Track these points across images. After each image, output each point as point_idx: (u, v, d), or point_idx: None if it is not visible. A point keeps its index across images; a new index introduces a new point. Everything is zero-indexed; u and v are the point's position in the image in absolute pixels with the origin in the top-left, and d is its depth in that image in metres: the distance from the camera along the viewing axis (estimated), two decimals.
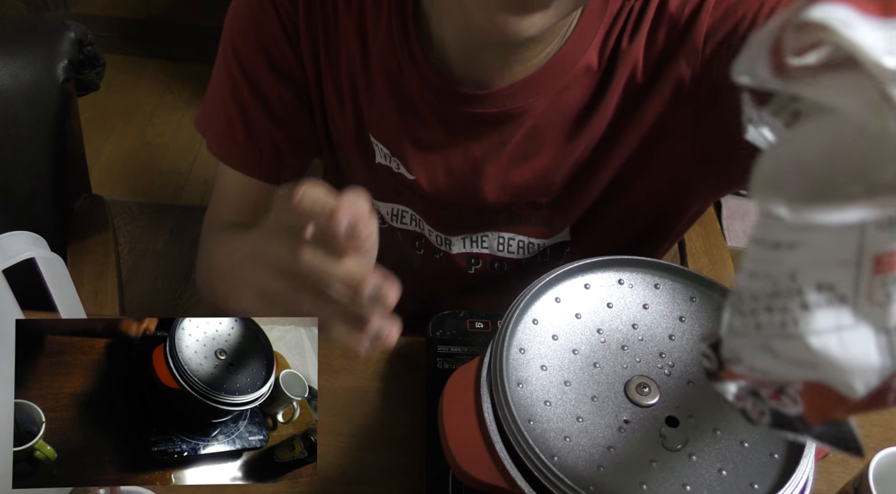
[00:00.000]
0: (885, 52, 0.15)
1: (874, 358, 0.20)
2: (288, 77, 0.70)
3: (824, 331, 0.19)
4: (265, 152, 0.72)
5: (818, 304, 0.19)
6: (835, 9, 0.15)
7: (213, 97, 0.73)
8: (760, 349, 0.20)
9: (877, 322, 0.20)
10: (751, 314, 0.20)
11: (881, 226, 0.19)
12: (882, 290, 0.19)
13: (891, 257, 0.19)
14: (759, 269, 0.20)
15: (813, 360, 0.20)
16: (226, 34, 0.71)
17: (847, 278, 0.19)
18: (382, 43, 0.65)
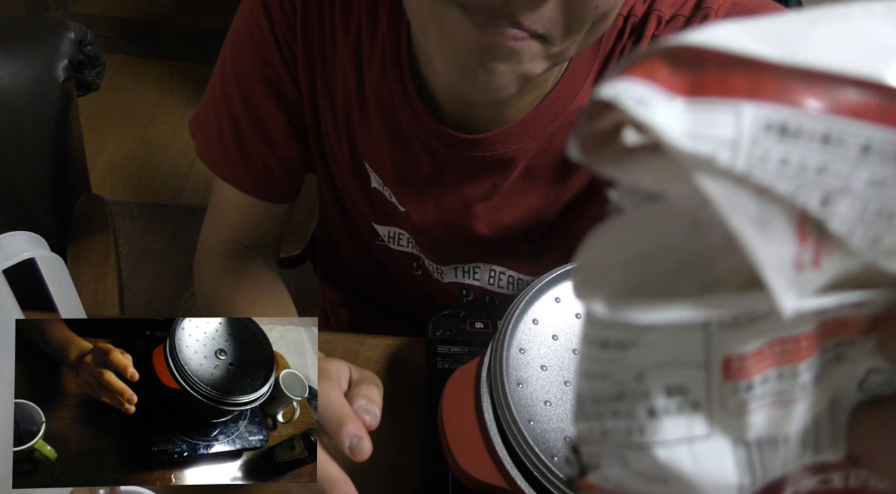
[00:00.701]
0: (688, 135, 0.13)
1: (730, 474, 0.17)
2: (283, 101, 0.70)
3: (674, 442, 0.17)
4: (257, 171, 0.73)
5: (667, 411, 0.17)
6: (630, 86, 0.14)
7: (208, 107, 0.73)
8: (612, 457, 0.18)
9: (734, 433, 0.17)
10: (596, 418, 0.18)
11: (724, 326, 0.16)
12: (734, 398, 0.17)
13: (741, 361, 0.16)
14: (594, 369, 0.18)
15: (662, 475, 0.17)
16: (225, 52, 0.71)
17: (698, 382, 0.17)
18: (376, 74, 0.65)
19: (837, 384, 0.18)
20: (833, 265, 0.15)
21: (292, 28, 0.66)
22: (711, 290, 0.16)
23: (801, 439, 0.18)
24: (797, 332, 0.17)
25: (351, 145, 0.71)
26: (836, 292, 0.15)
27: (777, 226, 0.14)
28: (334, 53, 0.66)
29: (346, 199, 0.77)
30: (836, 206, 0.14)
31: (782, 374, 0.17)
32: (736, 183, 0.14)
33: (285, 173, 0.74)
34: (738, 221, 0.14)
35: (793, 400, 0.17)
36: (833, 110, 0.13)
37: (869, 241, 0.15)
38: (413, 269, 0.79)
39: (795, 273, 0.14)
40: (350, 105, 0.68)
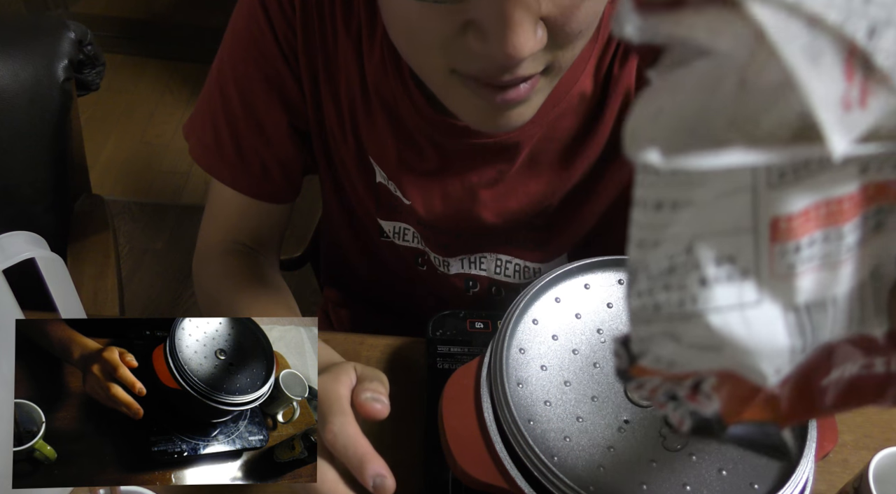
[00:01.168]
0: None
1: (782, 338, 0.18)
2: (284, 99, 0.70)
3: (726, 309, 0.17)
4: (254, 170, 0.73)
5: (718, 279, 0.17)
6: None
7: (203, 109, 0.73)
8: (664, 336, 0.18)
9: (783, 298, 0.18)
10: (648, 294, 0.18)
11: (771, 184, 0.17)
12: (783, 261, 0.17)
13: (788, 222, 0.17)
14: (647, 236, 0.18)
15: (716, 343, 0.18)
16: (223, 54, 0.70)
17: (747, 248, 0.17)
18: (376, 69, 0.65)
19: (879, 255, 0.18)
20: (879, 105, 0.15)
21: (292, 27, 0.66)
22: (760, 143, 0.16)
23: (847, 303, 0.18)
24: (841, 193, 0.17)
25: (356, 141, 0.71)
26: (881, 142, 0.16)
27: (827, 60, 0.14)
28: (336, 50, 0.66)
29: (351, 197, 0.77)
30: (882, 40, 0.14)
31: (828, 236, 0.17)
32: (788, 13, 0.14)
33: (283, 174, 0.74)
34: (791, 53, 0.14)
35: (839, 262, 0.17)
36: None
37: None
38: (418, 265, 0.79)
39: (844, 111, 0.15)
40: (354, 101, 0.68)
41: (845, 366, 0.20)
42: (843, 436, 0.67)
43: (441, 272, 0.77)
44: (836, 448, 0.50)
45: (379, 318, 0.91)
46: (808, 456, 0.45)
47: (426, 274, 0.79)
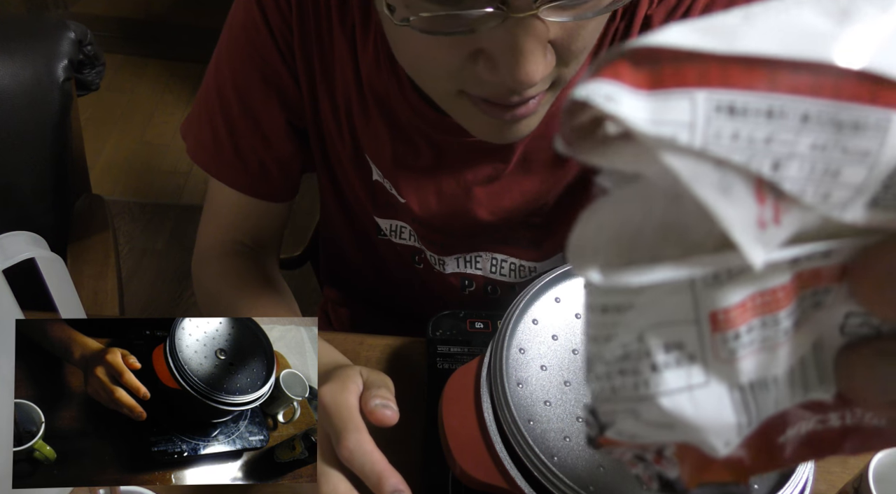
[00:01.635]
0: (651, 122, 0.15)
1: (728, 415, 0.19)
2: (282, 97, 0.70)
3: (675, 391, 0.19)
4: (252, 170, 0.73)
5: (667, 364, 0.19)
6: (599, 86, 0.16)
7: (200, 108, 0.73)
8: (625, 412, 0.20)
9: (728, 380, 0.19)
10: (606, 378, 0.20)
11: (707, 283, 0.18)
12: (725, 348, 0.19)
13: (726, 314, 0.18)
14: (598, 333, 0.20)
15: (669, 421, 0.19)
16: (220, 53, 0.70)
17: (692, 337, 0.19)
18: (370, 66, 0.65)
19: (820, 328, 0.20)
20: (792, 220, 0.17)
21: (289, 24, 0.66)
22: (691, 253, 0.18)
23: (789, 379, 0.20)
24: (774, 284, 0.19)
25: (352, 138, 0.71)
26: (802, 244, 0.18)
27: (737, 191, 0.16)
28: (332, 48, 0.66)
29: (348, 195, 0.77)
30: (786, 170, 0.16)
31: (765, 322, 0.19)
32: (696, 158, 0.16)
33: (282, 172, 0.74)
34: (703, 190, 0.16)
35: (777, 345, 0.19)
36: (773, 88, 0.16)
37: (820, 197, 0.17)
38: (415, 263, 0.79)
39: (760, 230, 0.17)
40: (350, 98, 0.68)
41: (800, 424, 0.22)
42: None
43: (437, 270, 0.77)
44: None
45: (378, 317, 0.91)
46: None
47: (423, 273, 0.79)
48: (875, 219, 0.17)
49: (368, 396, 0.51)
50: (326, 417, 0.50)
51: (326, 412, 0.50)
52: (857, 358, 0.20)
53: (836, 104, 0.16)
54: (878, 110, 0.16)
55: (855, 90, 0.16)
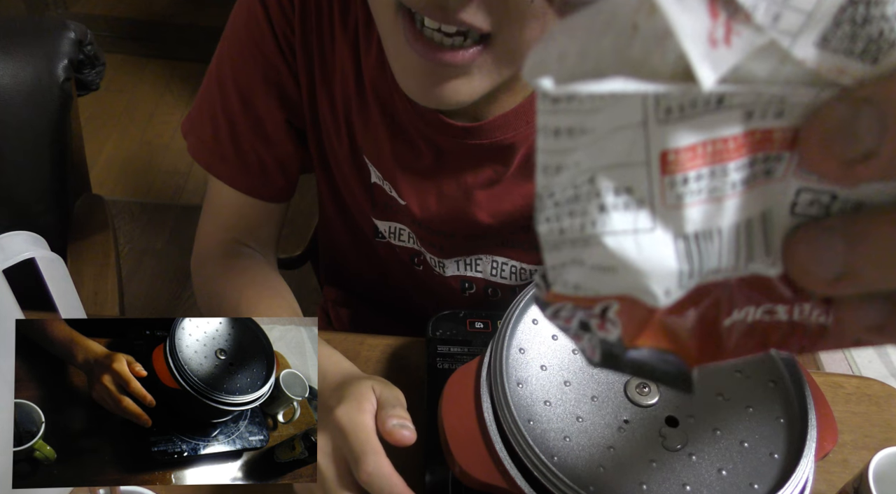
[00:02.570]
0: None
1: (671, 261, 0.19)
2: (283, 98, 0.70)
3: (620, 232, 0.19)
4: (252, 169, 0.73)
5: (616, 206, 0.19)
6: None
7: (201, 106, 0.73)
8: (571, 261, 0.20)
9: (674, 226, 0.19)
10: (556, 219, 0.20)
11: (659, 119, 0.18)
12: (672, 192, 0.19)
13: (676, 154, 0.19)
14: (549, 162, 0.20)
15: (612, 264, 0.20)
16: (222, 51, 0.70)
17: (642, 180, 0.19)
18: (373, 67, 0.65)
19: (771, 200, 0.20)
20: (742, 44, 0.17)
21: (291, 24, 0.66)
22: (645, 76, 0.18)
23: (734, 237, 0.20)
24: (725, 134, 0.19)
25: (351, 140, 0.71)
26: (754, 84, 0.18)
27: (691, 1, 0.16)
28: (333, 48, 0.66)
29: (347, 197, 0.77)
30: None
31: (714, 172, 0.19)
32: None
33: (281, 172, 0.74)
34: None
35: (724, 196, 0.19)
36: None
37: (770, 18, 0.17)
38: (415, 265, 0.79)
39: (710, 47, 0.17)
40: (349, 100, 0.68)
41: (748, 309, 0.22)
42: (842, 436, 0.67)
43: (437, 273, 0.77)
44: (835, 448, 0.50)
45: (378, 317, 0.91)
46: (808, 456, 0.45)
47: (423, 275, 0.79)
48: (825, 61, 0.17)
49: (385, 416, 0.51)
50: (343, 439, 0.50)
51: (343, 434, 0.50)
52: (802, 234, 0.20)
53: None
54: None
55: None
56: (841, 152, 0.18)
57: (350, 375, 0.58)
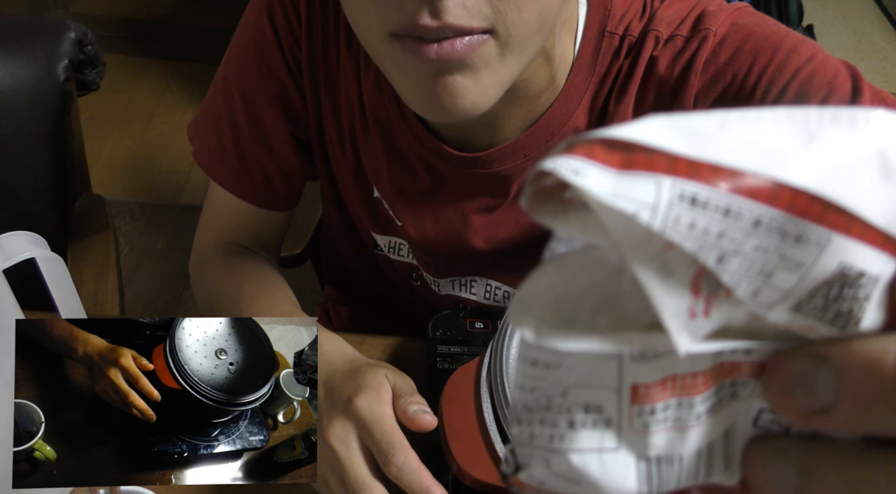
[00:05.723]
0: (613, 195, 0.16)
1: (632, 483, 0.20)
2: (287, 111, 0.70)
3: (586, 450, 0.20)
4: (256, 179, 0.73)
5: (584, 424, 0.20)
6: (569, 160, 0.17)
7: (207, 113, 0.73)
8: (538, 459, 0.21)
9: (637, 450, 0.20)
10: (527, 424, 0.21)
11: (634, 358, 0.20)
12: (640, 420, 0.20)
13: (646, 389, 0.20)
14: (525, 383, 0.21)
15: (575, 477, 0.20)
16: (229, 62, 0.71)
17: (612, 403, 0.20)
18: (371, 89, 0.65)
19: (734, 417, 0.21)
20: (720, 315, 0.18)
21: (297, 40, 0.66)
22: (624, 328, 0.19)
23: (694, 460, 0.21)
24: (695, 370, 0.20)
25: (355, 156, 0.71)
26: (726, 340, 0.19)
27: (675, 281, 0.18)
28: (338, 66, 0.66)
29: (349, 208, 0.77)
30: (729, 264, 0.18)
31: (680, 404, 0.20)
32: (645, 241, 0.17)
33: (285, 183, 0.74)
34: (645, 272, 0.17)
35: (688, 427, 0.20)
36: (735, 191, 0.17)
37: (750, 293, 0.18)
38: (412, 279, 0.79)
39: (689, 319, 0.18)
40: (353, 119, 0.68)
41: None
42: None
43: (433, 289, 0.77)
44: None
45: (378, 317, 0.91)
46: None
47: (420, 289, 0.79)
48: (795, 322, 0.19)
49: (405, 403, 0.52)
50: (367, 432, 0.51)
51: (366, 426, 0.51)
52: (758, 452, 0.21)
53: (787, 216, 0.17)
54: (821, 229, 0.17)
55: (806, 208, 0.17)
56: (800, 403, 0.19)
57: (358, 360, 0.59)
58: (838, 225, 0.17)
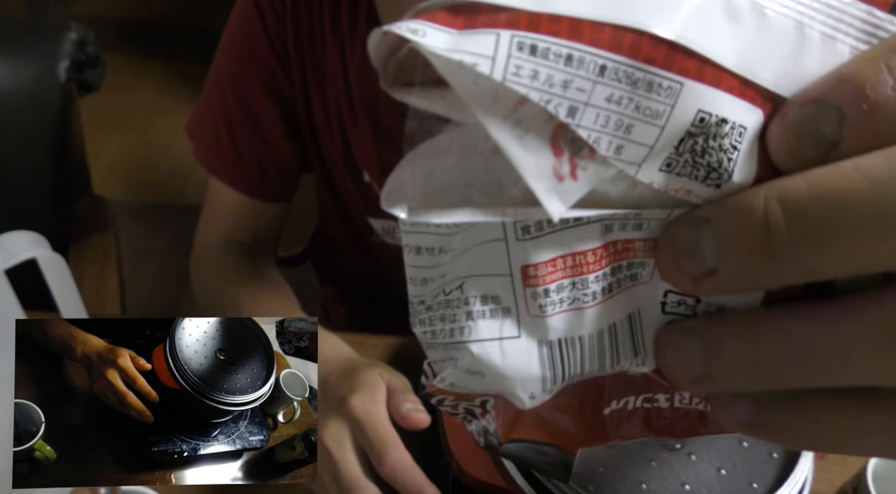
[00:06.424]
0: (450, 50, 0.16)
1: (535, 368, 0.20)
2: (278, 97, 0.70)
3: (487, 340, 0.20)
4: (251, 171, 0.73)
5: (482, 315, 0.20)
6: (408, 23, 0.16)
7: (203, 108, 0.74)
8: (446, 360, 0.21)
9: (538, 335, 0.20)
10: (428, 322, 0.21)
11: (518, 237, 0.19)
12: (535, 303, 0.20)
13: (536, 269, 0.19)
14: (415, 275, 0.21)
15: (479, 369, 0.20)
16: (220, 55, 0.71)
17: (507, 290, 0.20)
18: (358, 70, 0.66)
19: (639, 302, 0.21)
20: (590, 177, 0.18)
21: (283, 25, 0.67)
22: (498, 202, 0.19)
23: (597, 342, 0.21)
24: (584, 248, 0.19)
25: (343, 140, 0.71)
26: (605, 209, 0.18)
27: (532, 140, 0.17)
28: (324, 50, 0.67)
29: (342, 195, 0.78)
30: (582, 118, 0.17)
31: (574, 284, 0.20)
32: (494, 103, 0.17)
33: (280, 173, 0.75)
34: (500, 135, 0.17)
35: (585, 307, 0.20)
36: (575, 38, 0.16)
37: (614, 150, 0.17)
38: None
39: (557, 182, 0.17)
40: (340, 102, 0.69)
41: (627, 398, 0.23)
42: None
43: None
44: None
45: (378, 316, 0.91)
46: (807, 456, 0.45)
47: None
48: (671, 183, 0.18)
49: (398, 402, 0.52)
50: (361, 431, 0.51)
51: (360, 426, 0.51)
52: (666, 335, 0.20)
53: (633, 63, 0.16)
54: (671, 75, 0.17)
55: (650, 53, 0.16)
56: (688, 269, 0.18)
57: (354, 360, 0.59)
58: (688, 70, 0.17)
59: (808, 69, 0.17)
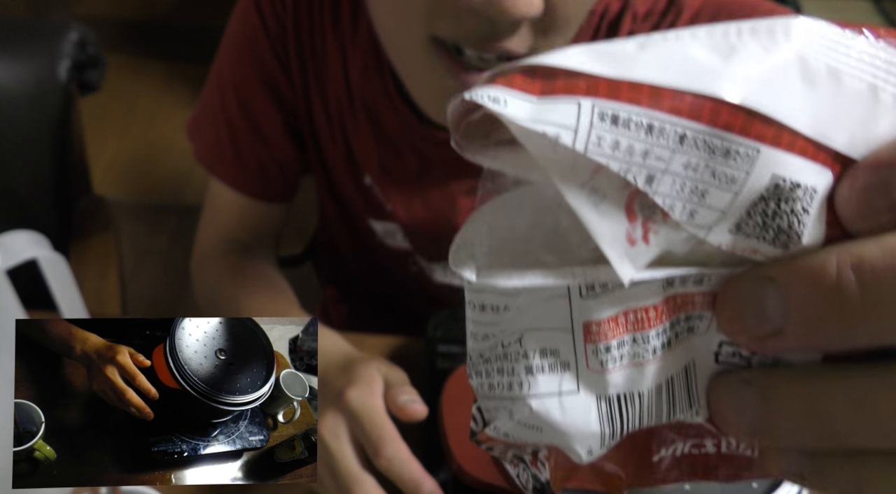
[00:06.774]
0: (532, 120, 0.16)
1: (594, 424, 0.20)
2: (279, 98, 0.70)
3: (546, 395, 0.20)
4: (252, 171, 0.73)
5: (541, 369, 0.20)
6: (487, 90, 0.17)
7: (204, 109, 0.74)
8: (502, 410, 0.21)
9: (597, 390, 0.20)
10: (485, 375, 0.21)
11: (582, 295, 0.19)
12: (596, 359, 0.20)
13: (599, 326, 0.19)
14: (477, 331, 0.21)
15: (537, 424, 0.20)
16: (221, 56, 0.71)
17: (567, 345, 0.20)
18: (358, 74, 0.66)
19: (694, 353, 0.21)
20: (661, 241, 0.18)
21: (284, 27, 0.67)
22: (567, 263, 0.19)
23: (656, 397, 0.21)
24: (646, 304, 0.20)
25: (344, 141, 0.71)
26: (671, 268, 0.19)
27: (607, 207, 0.17)
28: (325, 52, 0.67)
29: (343, 197, 0.78)
30: (659, 185, 0.17)
31: (635, 339, 0.20)
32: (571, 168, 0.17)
33: (281, 173, 0.75)
34: (575, 200, 0.17)
35: (645, 362, 0.20)
36: (656, 107, 0.16)
37: (687, 215, 0.18)
38: (409, 266, 0.79)
39: (629, 247, 0.18)
40: (341, 104, 0.69)
41: (675, 445, 0.23)
42: None
43: (429, 275, 0.78)
44: None
45: (378, 316, 0.91)
46: None
47: (417, 277, 0.79)
48: (738, 244, 0.18)
49: (394, 393, 0.52)
50: (358, 424, 0.51)
51: (357, 418, 0.51)
52: (721, 386, 0.20)
53: (711, 130, 0.17)
54: (748, 141, 0.17)
55: (729, 120, 0.17)
56: (752, 327, 0.18)
57: (351, 354, 0.59)
58: (765, 136, 0.17)
59: (879, 131, 0.17)
